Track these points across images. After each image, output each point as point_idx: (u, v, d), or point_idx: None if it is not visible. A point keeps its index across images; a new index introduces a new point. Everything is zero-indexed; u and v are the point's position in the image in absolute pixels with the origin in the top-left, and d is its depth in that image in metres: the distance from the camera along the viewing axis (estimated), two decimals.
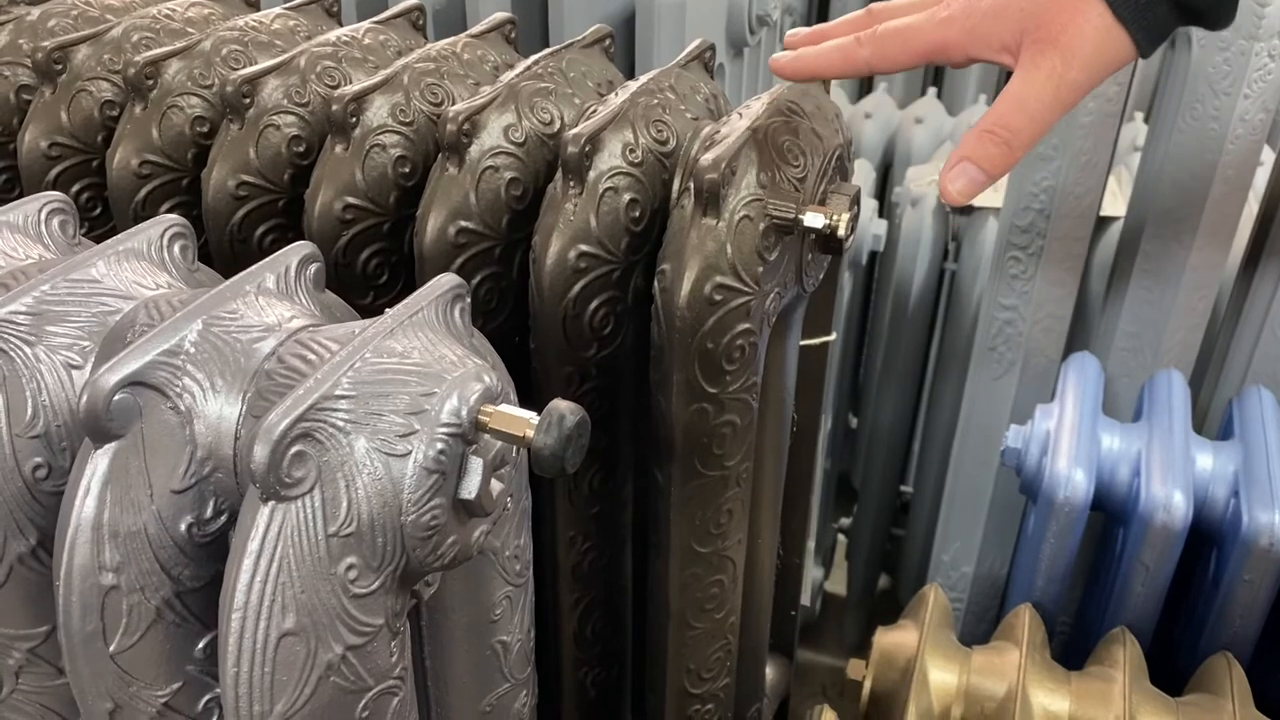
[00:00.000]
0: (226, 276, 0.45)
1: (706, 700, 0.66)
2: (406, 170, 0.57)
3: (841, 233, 0.53)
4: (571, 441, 0.38)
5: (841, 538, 1.57)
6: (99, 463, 0.38)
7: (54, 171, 0.62)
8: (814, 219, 0.52)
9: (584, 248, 0.53)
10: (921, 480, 1.32)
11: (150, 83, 0.60)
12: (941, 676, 0.78)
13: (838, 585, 1.52)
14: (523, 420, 0.38)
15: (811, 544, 1.35)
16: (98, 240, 0.47)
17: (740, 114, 0.56)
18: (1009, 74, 0.53)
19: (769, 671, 0.79)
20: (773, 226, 0.52)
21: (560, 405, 0.38)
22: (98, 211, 0.64)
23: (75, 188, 0.63)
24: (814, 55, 0.54)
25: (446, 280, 0.43)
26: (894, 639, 0.81)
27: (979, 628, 1.12)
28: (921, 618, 0.81)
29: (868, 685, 0.80)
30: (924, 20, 0.52)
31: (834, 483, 1.46)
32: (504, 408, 0.39)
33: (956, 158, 0.52)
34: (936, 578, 1.15)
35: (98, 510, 0.38)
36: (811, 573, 1.40)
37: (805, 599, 1.37)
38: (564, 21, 0.87)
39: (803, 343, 0.65)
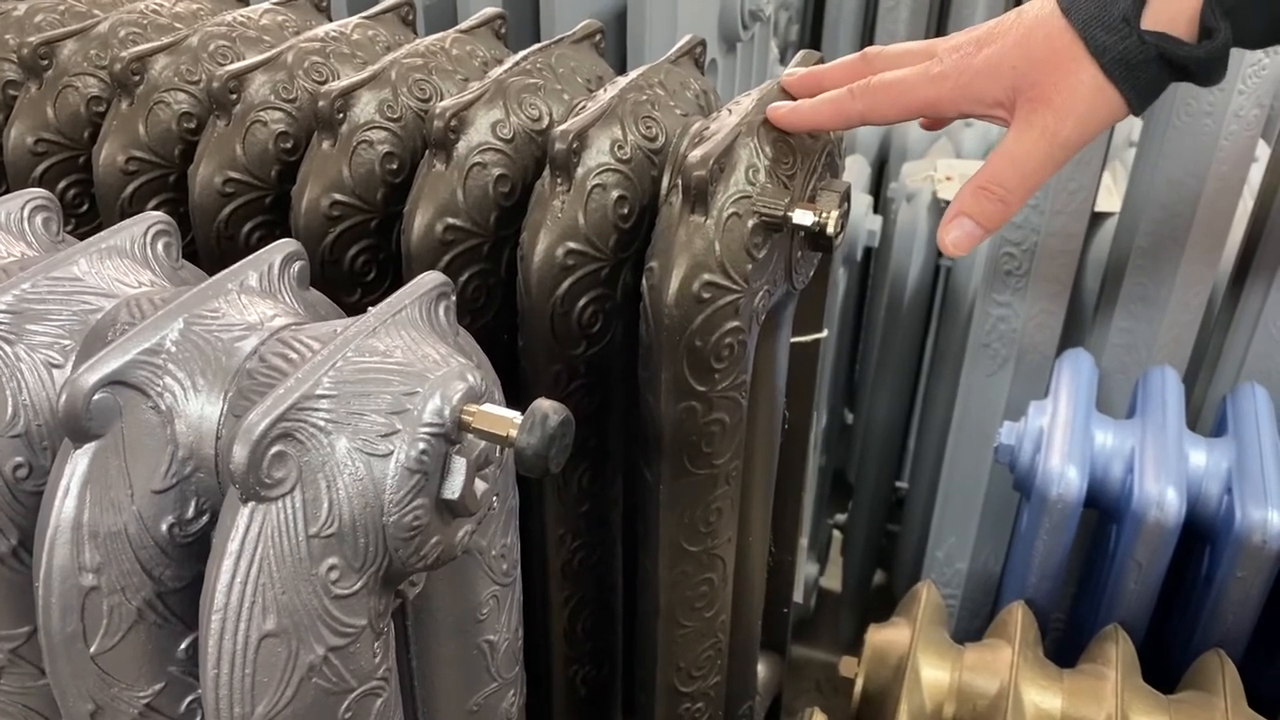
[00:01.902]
0: (213, 274, 0.44)
1: (697, 698, 0.66)
2: (394, 167, 0.57)
3: (831, 230, 0.52)
4: (555, 441, 0.38)
5: (836, 533, 1.57)
6: (79, 463, 0.37)
7: (40, 168, 0.62)
8: (803, 216, 0.52)
9: (572, 245, 0.53)
10: (916, 476, 1.32)
11: (137, 78, 0.60)
12: (934, 674, 0.78)
13: (833, 581, 1.52)
14: (506, 420, 0.38)
15: (805, 540, 1.35)
16: (84, 238, 0.46)
17: (730, 110, 0.55)
18: None
19: (761, 669, 0.78)
20: (761, 224, 0.51)
21: (543, 405, 0.38)
22: (84, 208, 0.64)
23: (61, 184, 0.63)
24: (809, 107, 0.54)
25: (430, 278, 0.42)
26: (886, 636, 0.81)
27: (973, 624, 1.12)
28: (914, 615, 0.81)
29: (860, 683, 0.80)
30: (917, 75, 0.52)
31: (829, 478, 1.46)
32: (487, 407, 0.39)
33: (954, 212, 0.52)
34: (931, 574, 1.15)
35: (77, 510, 0.37)
36: (806, 569, 1.40)
37: (799, 595, 1.37)
38: (555, 16, 0.87)
39: (793, 340, 0.65)
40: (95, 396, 0.37)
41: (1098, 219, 1.01)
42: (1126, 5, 0.47)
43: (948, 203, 1.19)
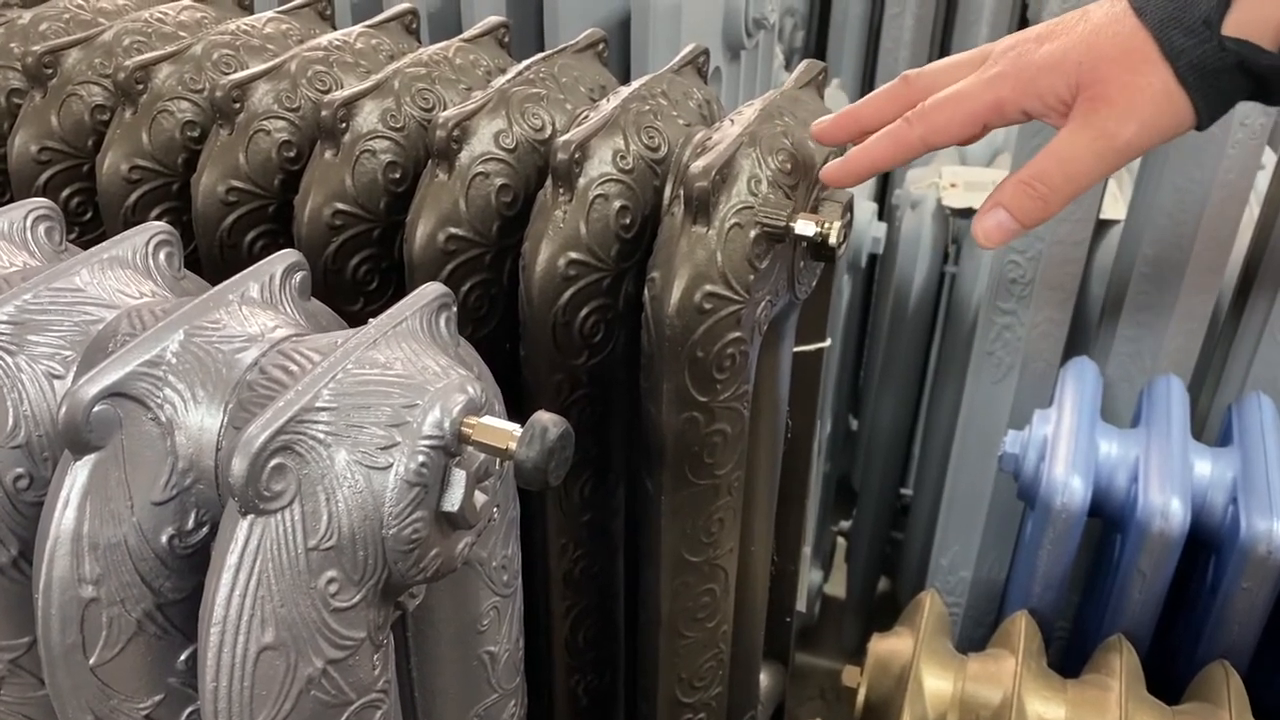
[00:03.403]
0: (215, 283, 0.44)
1: (699, 709, 0.66)
2: (397, 176, 0.57)
3: (833, 241, 0.52)
4: (554, 454, 0.38)
5: (841, 540, 1.57)
6: (78, 474, 0.37)
7: (44, 176, 0.62)
8: (805, 227, 0.52)
9: (574, 255, 0.53)
10: (921, 483, 1.32)
11: (141, 87, 0.60)
12: (936, 684, 0.77)
13: (837, 588, 1.52)
14: (505, 432, 0.38)
15: (809, 549, 1.34)
16: (88, 246, 0.46)
17: (732, 120, 0.55)
18: None
19: (763, 678, 0.78)
20: (763, 234, 0.51)
21: (543, 418, 0.38)
22: (88, 216, 0.64)
23: (65, 192, 0.63)
24: (862, 152, 0.51)
25: (431, 289, 0.42)
26: (889, 646, 0.81)
27: (977, 632, 1.11)
28: (917, 624, 0.81)
29: (862, 693, 0.80)
30: (974, 82, 0.49)
31: (834, 485, 1.45)
32: (487, 419, 0.39)
33: (992, 202, 0.50)
34: (935, 582, 1.15)
35: (77, 522, 0.37)
36: (810, 576, 1.40)
37: (803, 603, 1.37)
38: (559, 25, 0.87)
39: (796, 349, 0.65)
40: (95, 408, 0.37)
41: (1103, 227, 1.01)
42: (1209, 8, 0.45)
43: (953, 210, 1.19)
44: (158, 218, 0.60)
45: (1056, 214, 0.50)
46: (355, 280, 0.57)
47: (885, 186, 1.43)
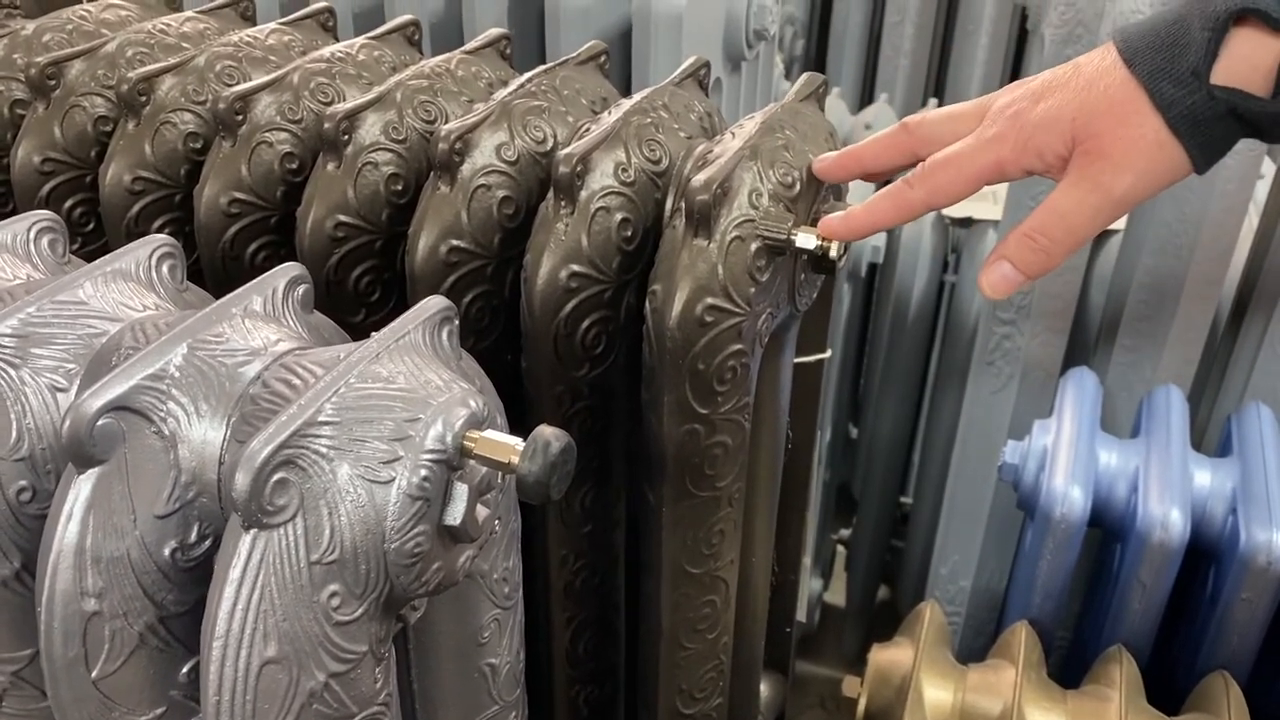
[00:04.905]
0: (218, 294, 0.44)
1: (699, 719, 0.66)
2: (399, 188, 0.57)
3: (833, 254, 0.53)
4: (556, 469, 0.38)
5: (841, 549, 1.57)
6: (81, 488, 0.37)
7: (47, 187, 0.62)
8: (806, 240, 0.52)
9: (575, 267, 0.53)
10: (921, 492, 1.32)
11: (144, 99, 0.60)
12: (937, 695, 0.77)
13: (837, 596, 1.52)
14: (508, 446, 0.38)
15: (809, 558, 1.34)
16: (90, 257, 0.47)
17: (733, 133, 0.55)
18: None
19: (763, 689, 0.78)
20: (764, 247, 0.52)
21: (545, 432, 0.38)
22: (90, 227, 0.64)
23: (68, 204, 0.63)
24: (864, 211, 0.52)
25: (434, 303, 0.43)
26: (889, 657, 0.81)
27: (977, 642, 1.11)
28: (917, 635, 0.81)
29: (862, 703, 0.80)
30: (973, 143, 0.50)
31: (834, 493, 1.45)
32: (489, 433, 0.39)
33: (997, 255, 0.51)
34: (935, 591, 1.15)
35: (80, 536, 0.37)
36: (809, 585, 1.40)
37: (803, 613, 1.37)
38: (560, 37, 0.87)
39: (797, 360, 0.65)
40: (99, 422, 0.37)
41: (1102, 236, 1.01)
42: (1196, 59, 0.45)
43: (952, 220, 1.19)
44: (160, 229, 0.61)
45: (1061, 264, 0.50)
46: (357, 292, 0.58)
47: None
